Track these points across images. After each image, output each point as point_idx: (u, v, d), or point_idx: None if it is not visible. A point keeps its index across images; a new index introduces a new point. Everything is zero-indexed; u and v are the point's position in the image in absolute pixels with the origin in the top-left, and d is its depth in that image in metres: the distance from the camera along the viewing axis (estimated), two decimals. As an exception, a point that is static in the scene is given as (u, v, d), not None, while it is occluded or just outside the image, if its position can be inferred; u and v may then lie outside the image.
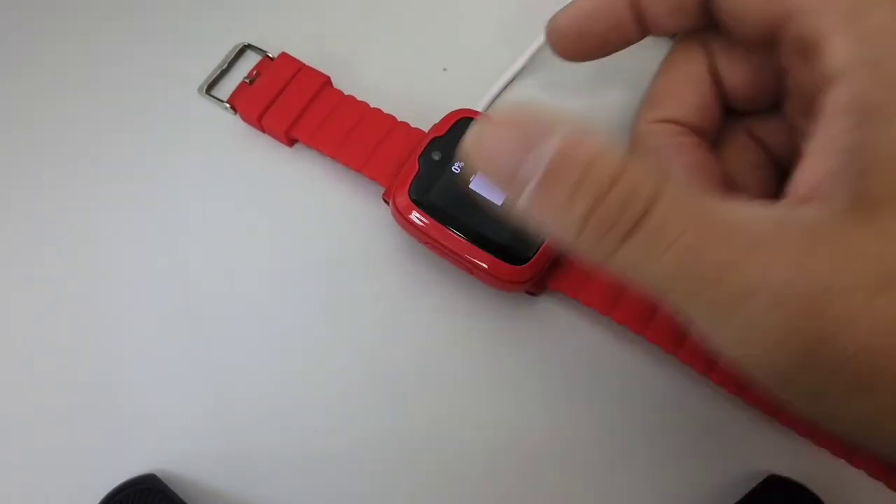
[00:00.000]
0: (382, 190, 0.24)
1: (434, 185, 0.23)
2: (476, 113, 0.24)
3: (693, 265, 0.14)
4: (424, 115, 0.24)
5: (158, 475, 0.22)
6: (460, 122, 0.23)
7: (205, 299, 0.25)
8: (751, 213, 0.15)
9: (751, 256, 0.14)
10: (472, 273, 0.23)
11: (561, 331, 0.24)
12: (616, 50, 0.22)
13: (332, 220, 0.25)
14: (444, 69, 0.28)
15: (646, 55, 0.28)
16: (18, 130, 0.27)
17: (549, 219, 0.15)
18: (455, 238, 0.22)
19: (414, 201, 0.22)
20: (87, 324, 0.24)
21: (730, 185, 0.21)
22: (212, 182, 0.26)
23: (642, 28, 0.21)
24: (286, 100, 0.25)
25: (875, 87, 0.15)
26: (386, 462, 0.23)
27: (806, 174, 0.16)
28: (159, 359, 0.24)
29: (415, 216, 0.22)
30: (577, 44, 0.21)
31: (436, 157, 0.23)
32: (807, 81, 0.17)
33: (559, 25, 0.21)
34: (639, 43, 0.22)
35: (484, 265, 0.22)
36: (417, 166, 0.23)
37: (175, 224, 0.25)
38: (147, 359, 0.24)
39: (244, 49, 0.27)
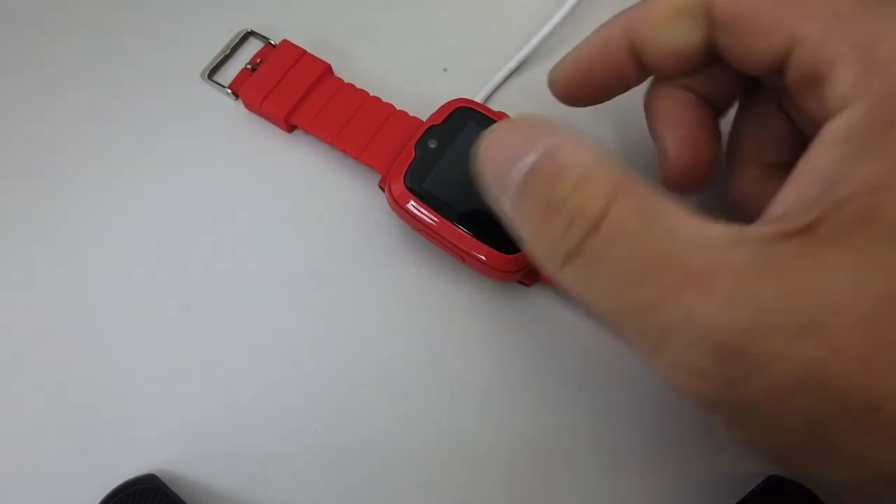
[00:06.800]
0: (380, 177, 0.24)
1: (430, 174, 0.23)
2: (474, 103, 0.24)
3: (627, 295, 0.14)
4: (424, 106, 0.24)
5: (158, 475, 0.22)
6: (458, 112, 0.24)
7: (203, 292, 0.24)
8: (700, 233, 0.14)
9: (683, 289, 0.14)
10: (464, 262, 0.23)
11: (553, 321, 0.24)
12: (619, 93, 0.22)
13: (330, 206, 0.26)
14: (445, 69, 0.28)
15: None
16: (18, 117, 0.27)
17: (516, 228, 0.16)
18: (449, 226, 0.22)
19: (409, 189, 0.22)
20: (86, 322, 0.24)
21: (747, 159, 0.21)
22: (210, 166, 0.26)
23: (643, 72, 0.21)
24: (286, 86, 0.25)
25: (872, 122, 0.14)
26: (385, 458, 0.23)
27: (780, 198, 0.15)
28: (159, 357, 0.24)
29: (409, 204, 0.22)
30: (579, 93, 0.21)
31: (432, 145, 0.23)
32: (812, 108, 0.17)
33: (560, 78, 0.21)
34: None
35: (477, 254, 0.22)
36: (414, 154, 0.23)
37: (172, 210, 0.26)
38: (146, 357, 0.24)
39: (247, 35, 0.28)
